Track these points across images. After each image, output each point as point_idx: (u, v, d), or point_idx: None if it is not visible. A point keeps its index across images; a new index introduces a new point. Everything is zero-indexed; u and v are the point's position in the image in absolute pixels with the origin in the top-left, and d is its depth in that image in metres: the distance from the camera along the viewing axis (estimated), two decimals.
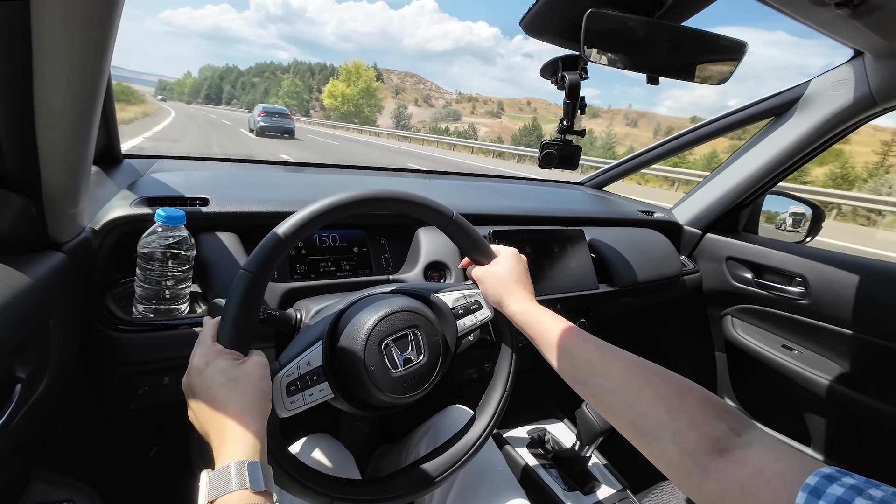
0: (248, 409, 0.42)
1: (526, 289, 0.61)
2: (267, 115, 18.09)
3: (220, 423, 0.41)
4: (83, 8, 0.37)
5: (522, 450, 1.04)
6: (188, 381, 0.45)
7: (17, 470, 0.56)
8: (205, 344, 0.47)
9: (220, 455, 0.40)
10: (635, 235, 1.22)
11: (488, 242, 0.64)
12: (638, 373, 0.45)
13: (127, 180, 0.82)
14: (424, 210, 0.59)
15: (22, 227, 0.50)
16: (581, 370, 0.49)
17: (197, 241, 0.71)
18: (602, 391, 0.47)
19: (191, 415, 0.46)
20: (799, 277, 1.14)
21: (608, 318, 1.23)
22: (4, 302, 0.43)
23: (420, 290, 0.61)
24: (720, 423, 0.37)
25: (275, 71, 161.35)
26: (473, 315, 0.61)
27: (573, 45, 0.79)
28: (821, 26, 0.77)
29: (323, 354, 0.51)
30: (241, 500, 0.37)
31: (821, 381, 1.09)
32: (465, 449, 0.59)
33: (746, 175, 1.22)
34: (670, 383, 0.43)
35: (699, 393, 0.41)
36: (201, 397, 0.43)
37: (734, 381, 1.37)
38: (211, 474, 0.38)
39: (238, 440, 0.40)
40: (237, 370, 0.44)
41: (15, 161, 0.46)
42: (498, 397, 0.62)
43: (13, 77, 0.40)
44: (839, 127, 1.03)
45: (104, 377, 0.69)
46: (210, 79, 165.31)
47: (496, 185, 1.40)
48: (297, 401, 0.49)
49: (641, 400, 0.42)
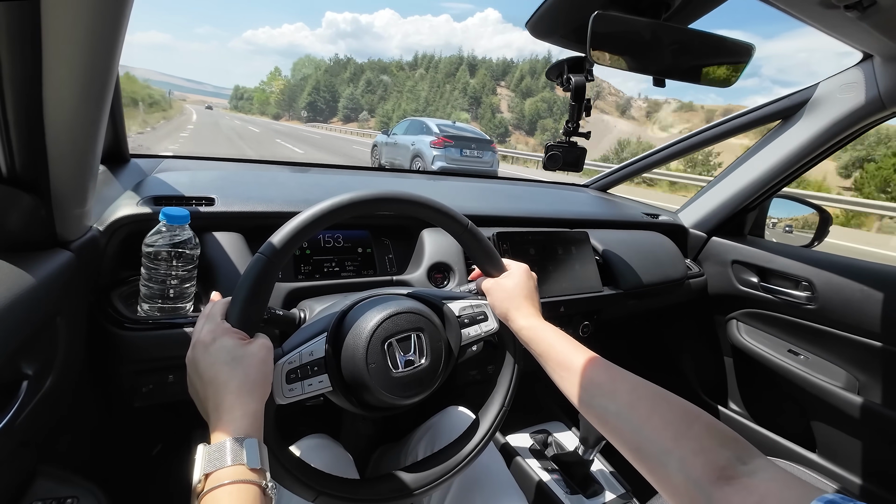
0: (249, 389, 0.43)
1: (534, 305, 0.61)
2: (452, 144, 8.42)
3: (220, 400, 0.42)
4: (92, 9, 0.38)
5: (525, 452, 1.04)
6: (193, 354, 0.46)
7: (24, 466, 0.57)
8: (213, 320, 0.47)
9: (218, 431, 0.40)
10: (640, 238, 1.21)
11: (493, 244, 0.64)
12: (644, 396, 0.45)
13: (134, 180, 0.82)
14: (441, 216, 0.59)
15: (30, 226, 0.51)
16: (586, 391, 0.49)
17: (202, 241, 0.72)
18: (608, 413, 0.46)
19: (191, 389, 0.46)
20: (805, 282, 1.13)
21: (612, 321, 1.23)
22: (13, 299, 0.44)
23: (429, 296, 0.61)
24: (726, 450, 0.37)
25: (401, 67, 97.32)
26: (478, 325, 0.61)
27: (579, 47, 0.79)
28: (829, 29, 0.77)
29: (326, 346, 0.51)
30: (236, 475, 0.37)
31: (827, 387, 1.08)
32: (455, 465, 0.58)
33: (753, 178, 1.21)
34: (677, 409, 0.43)
35: (706, 420, 0.41)
36: (204, 373, 0.44)
37: (740, 385, 1.36)
38: (207, 448, 0.39)
39: (237, 418, 0.40)
40: (242, 350, 0.45)
41: (24, 160, 0.46)
42: (494, 413, 0.62)
43: (23, 77, 0.41)
44: (847, 130, 1.02)
45: (109, 375, 0.69)
46: (313, 78, 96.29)
47: (501, 186, 1.40)
48: (296, 389, 0.49)
49: (647, 424, 0.42)
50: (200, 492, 0.37)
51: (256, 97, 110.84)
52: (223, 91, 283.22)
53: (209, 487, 0.36)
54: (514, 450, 1.04)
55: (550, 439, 1.08)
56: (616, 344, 1.64)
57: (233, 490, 0.36)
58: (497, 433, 0.65)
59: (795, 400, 1.19)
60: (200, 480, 0.37)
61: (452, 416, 0.78)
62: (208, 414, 0.43)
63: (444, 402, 0.85)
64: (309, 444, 0.71)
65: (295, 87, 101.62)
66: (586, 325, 1.09)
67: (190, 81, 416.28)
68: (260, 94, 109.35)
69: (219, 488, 0.36)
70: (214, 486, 0.36)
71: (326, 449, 0.71)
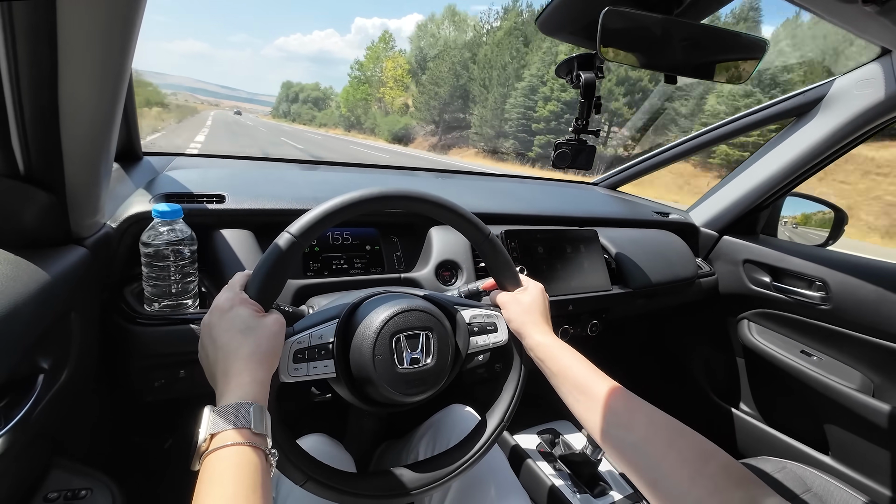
0: (259, 359, 0.44)
1: (548, 323, 0.61)
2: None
3: (229, 365, 0.43)
4: (107, 10, 0.38)
5: (532, 452, 1.04)
6: (209, 319, 0.47)
7: (39, 458, 0.58)
8: (232, 290, 0.49)
9: (224, 397, 0.41)
10: (650, 237, 1.20)
11: (501, 242, 0.64)
12: (661, 429, 0.45)
13: (146, 177, 0.83)
14: (463, 221, 0.60)
15: (46, 222, 0.52)
16: (603, 419, 0.49)
17: (212, 238, 0.73)
18: (624, 445, 0.46)
19: (201, 353, 0.47)
20: (819, 282, 1.11)
21: (621, 320, 1.22)
22: (29, 294, 0.45)
23: (443, 300, 0.62)
24: (740, 491, 0.37)
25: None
26: (487, 335, 0.62)
27: (589, 43, 0.78)
28: (847, 23, 0.75)
29: (336, 333, 0.52)
30: (241, 437, 0.38)
31: (841, 389, 1.06)
32: (452, 470, 0.58)
33: (766, 176, 1.19)
34: (695, 446, 0.43)
35: (722, 459, 0.41)
36: (218, 337, 0.45)
37: (751, 386, 1.34)
38: (214, 410, 0.39)
39: (245, 383, 0.42)
40: (256, 321, 0.46)
41: (40, 158, 0.47)
42: (493, 428, 0.61)
43: (39, 77, 0.41)
44: (865, 127, 1.00)
45: (121, 370, 0.70)
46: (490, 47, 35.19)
47: (509, 184, 1.40)
48: (301, 370, 0.50)
49: (665, 461, 0.42)
50: (205, 451, 0.37)
51: (347, 96, 61.61)
52: (257, 97, 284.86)
53: (214, 447, 0.37)
54: (521, 449, 1.04)
55: (558, 439, 1.08)
56: (625, 343, 1.63)
57: (237, 451, 0.37)
58: (504, 432, 0.64)
59: (808, 402, 1.18)
60: (206, 440, 0.38)
61: (454, 415, 0.78)
62: (216, 378, 0.44)
63: (450, 399, 0.85)
64: (309, 441, 0.71)
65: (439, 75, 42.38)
66: (594, 323, 1.09)
67: (225, 88, 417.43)
68: (355, 91, 59.08)
69: (223, 448, 0.37)
70: (219, 446, 0.37)
71: (326, 446, 0.71)
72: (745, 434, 1.31)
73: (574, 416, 0.54)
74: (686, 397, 1.47)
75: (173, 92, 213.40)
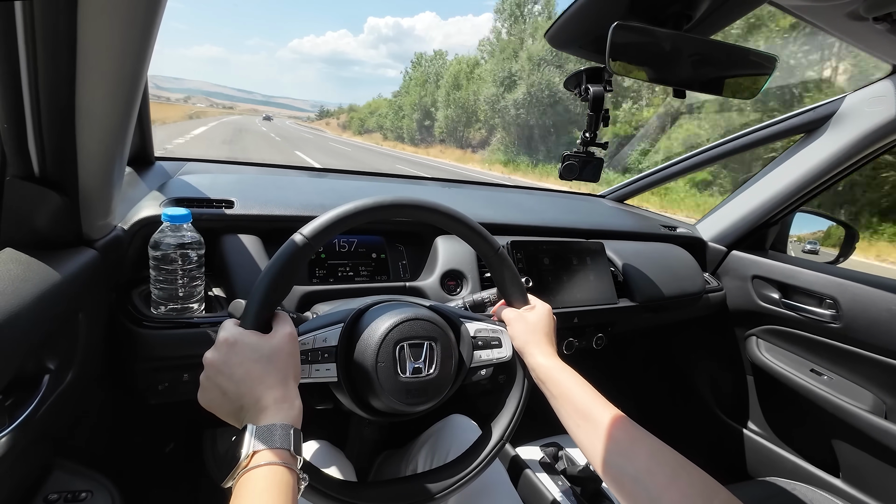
0: (285, 382, 0.44)
1: (552, 344, 0.61)
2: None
3: (261, 394, 0.43)
4: (126, 17, 0.39)
5: (535, 466, 1.02)
6: (216, 355, 0.45)
7: (41, 459, 0.58)
8: (224, 328, 0.48)
9: (262, 419, 0.41)
10: (657, 250, 1.19)
11: (507, 252, 0.64)
12: (664, 463, 0.44)
13: (157, 181, 0.84)
14: (473, 234, 0.60)
15: (58, 224, 0.53)
16: (604, 447, 0.48)
17: (221, 243, 0.73)
18: (624, 475, 0.46)
19: (210, 395, 0.45)
20: (830, 299, 1.09)
21: (627, 334, 1.21)
22: (39, 294, 0.45)
23: (449, 312, 0.61)
24: None
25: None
26: (491, 350, 0.61)
27: (598, 57, 0.78)
28: (858, 41, 0.75)
29: (340, 337, 0.52)
30: (280, 457, 0.39)
31: (852, 410, 1.04)
32: (448, 486, 0.57)
33: (775, 192, 1.18)
34: (697, 483, 0.42)
35: (724, 497, 0.40)
36: (237, 371, 0.44)
37: (760, 404, 1.32)
38: (257, 428, 0.40)
39: (285, 409, 0.43)
40: (268, 345, 0.46)
41: (55, 161, 0.48)
42: (494, 443, 0.60)
43: (58, 81, 0.42)
44: (876, 144, 1.00)
45: (126, 372, 0.71)
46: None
47: (515, 195, 1.40)
48: (303, 371, 0.50)
49: (666, 496, 0.42)
50: (245, 467, 0.38)
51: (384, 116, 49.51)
52: (272, 100, 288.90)
53: (254, 464, 0.38)
54: (523, 462, 1.02)
55: (561, 453, 1.06)
56: (630, 358, 1.61)
57: (274, 470, 0.38)
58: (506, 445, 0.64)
59: (818, 422, 1.15)
60: (248, 456, 0.38)
61: (455, 426, 0.77)
62: (244, 408, 0.43)
63: (451, 409, 0.84)
64: (310, 448, 0.71)
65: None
66: (600, 336, 1.08)
67: (241, 91, 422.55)
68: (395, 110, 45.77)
69: (261, 467, 0.38)
70: (259, 463, 0.38)
71: (327, 454, 0.71)
72: (753, 453, 1.29)
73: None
74: (692, 414, 1.45)
75: (186, 96, 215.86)
